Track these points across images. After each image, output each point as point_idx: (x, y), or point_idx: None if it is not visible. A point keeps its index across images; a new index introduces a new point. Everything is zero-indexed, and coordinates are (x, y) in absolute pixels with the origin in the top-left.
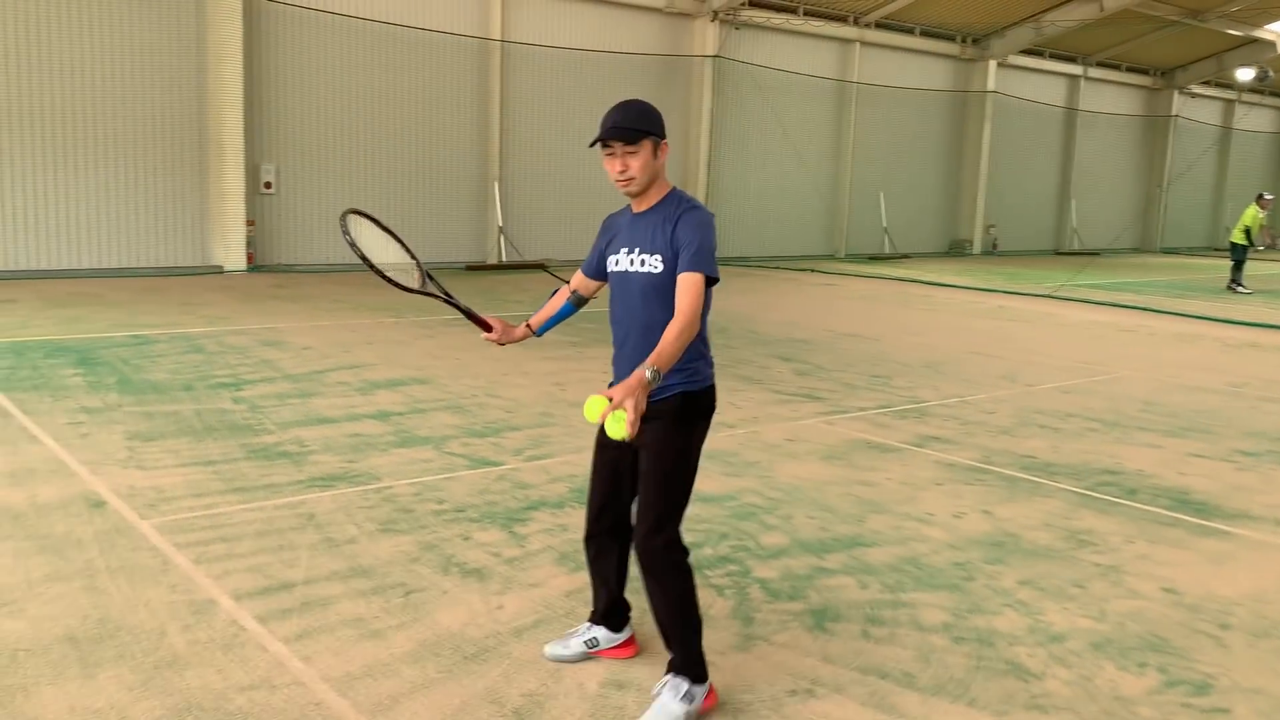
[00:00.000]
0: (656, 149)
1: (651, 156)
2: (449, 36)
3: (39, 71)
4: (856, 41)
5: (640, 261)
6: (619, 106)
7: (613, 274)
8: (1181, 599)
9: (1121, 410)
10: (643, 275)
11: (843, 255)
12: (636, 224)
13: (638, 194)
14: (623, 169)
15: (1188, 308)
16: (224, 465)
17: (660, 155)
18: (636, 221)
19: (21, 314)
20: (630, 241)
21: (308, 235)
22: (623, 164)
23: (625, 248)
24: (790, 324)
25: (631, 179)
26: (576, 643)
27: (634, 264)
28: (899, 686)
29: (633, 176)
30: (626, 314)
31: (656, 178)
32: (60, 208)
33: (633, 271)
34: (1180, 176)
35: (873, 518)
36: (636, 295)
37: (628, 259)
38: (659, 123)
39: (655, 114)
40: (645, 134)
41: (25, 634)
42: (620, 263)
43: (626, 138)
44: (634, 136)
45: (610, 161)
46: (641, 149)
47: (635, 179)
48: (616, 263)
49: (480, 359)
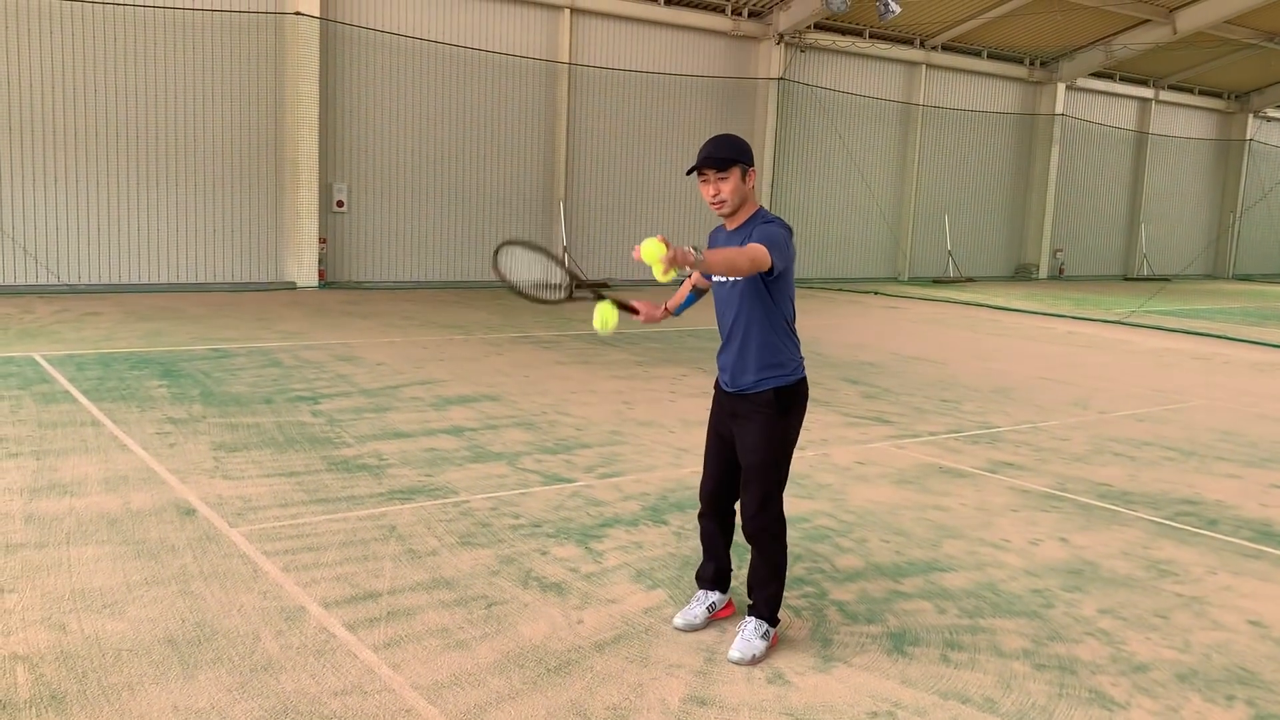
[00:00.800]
0: (745, 175)
1: (740, 182)
2: (517, 59)
3: (123, 94)
4: (923, 64)
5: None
6: (713, 139)
7: (713, 285)
8: (1269, 632)
9: (1198, 439)
10: (728, 286)
11: (906, 278)
12: (732, 238)
13: (729, 215)
14: (715, 193)
15: (1265, 336)
16: (306, 476)
17: (749, 180)
18: (732, 236)
19: (106, 326)
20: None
21: (378, 253)
22: (715, 189)
23: None
24: (856, 346)
25: (723, 201)
26: (700, 609)
27: (726, 278)
28: (981, 711)
29: (724, 199)
30: (724, 320)
31: (746, 200)
32: (141, 224)
33: (724, 284)
34: (1255, 202)
35: (948, 543)
36: (731, 304)
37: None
38: (748, 152)
39: (744, 145)
40: (734, 162)
41: (127, 634)
42: (716, 276)
43: (717, 166)
44: (724, 165)
45: (704, 186)
46: (731, 175)
47: (726, 201)
48: (714, 276)
49: (548, 376)
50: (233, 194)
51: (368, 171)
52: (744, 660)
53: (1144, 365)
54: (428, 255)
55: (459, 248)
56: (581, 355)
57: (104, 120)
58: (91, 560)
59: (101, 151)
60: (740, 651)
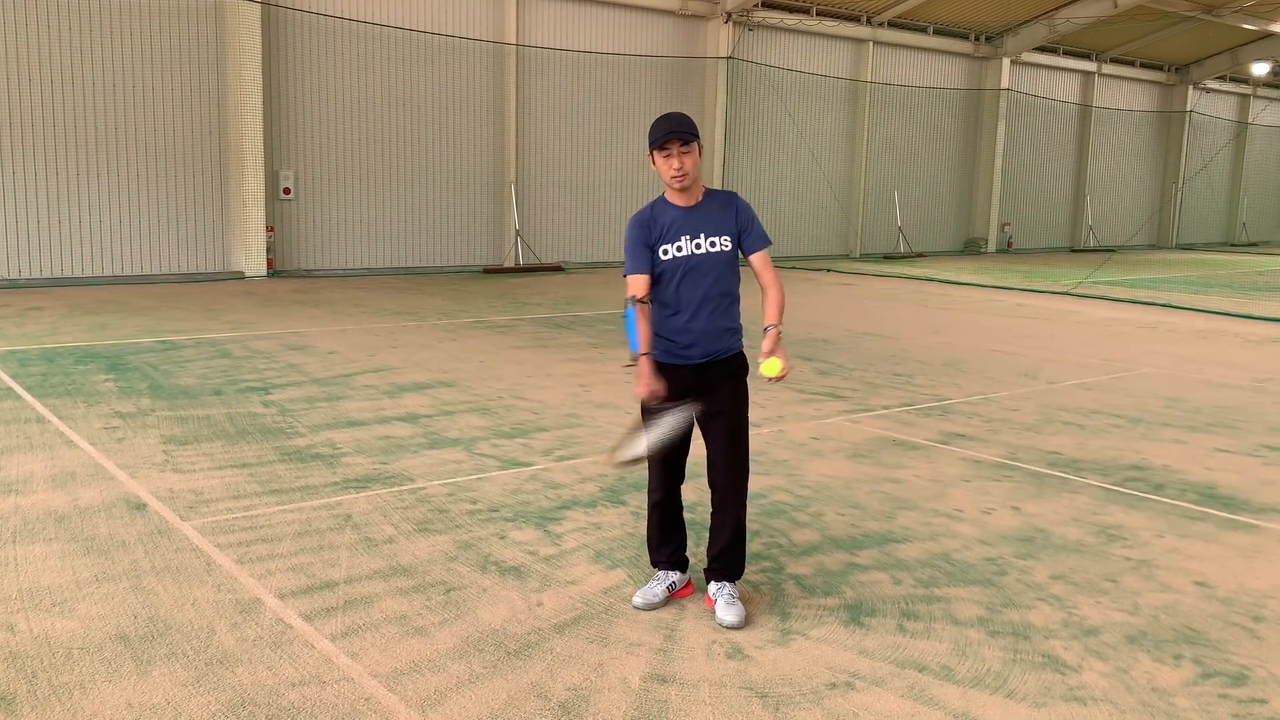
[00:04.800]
0: (699, 150)
1: (699, 157)
2: (464, 41)
3: (61, 81)
4: (870, 41)
5: (711, 244)
6: (668, 116)
7: (675, 259)
8: (1214, 592)
9: (1145, 406)
10: (715, 254)
11: (858, 255)
12: (693, 214)
13: (688, 188)
14: (679, 166)
15: (1207, 303)
16: (259, 468)
17: (700, 157)
18: (692, 212)
19: (49, 321)
20: (692, 229)
21: (327, 240)
22: (679, 162)
23: (687, 234)
24: (810, 324)
25: (685, 174)
26: (660, 588)
27: (701, 247)
28: (937, 679)
29: (686, 173)
30: (696, 290)
31: (699, 177)
32: (83, 215)
33: (702, 254)
34: (1196, 172)
35: (902, 514)
36: (710, 272)
37: (692, 244)
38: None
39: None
40: (696, 137)
41: (78, 633)
42: (684, 248)
43: (685, 139)
44: (690, 139)
45: (668, 161)
46: (693, 149)
47: (688, 174)
48: (680, 249)
49: (504, 361)
50: (177, 183)
51: (315, 158)
52: (742, 623)
53: (1091, 335)
54: (378, 242)
55: (410, 233)
56: (537, 339)
57: (41, 110)
58: (39, 559)
59: (39, 142)
60: (736, 615)
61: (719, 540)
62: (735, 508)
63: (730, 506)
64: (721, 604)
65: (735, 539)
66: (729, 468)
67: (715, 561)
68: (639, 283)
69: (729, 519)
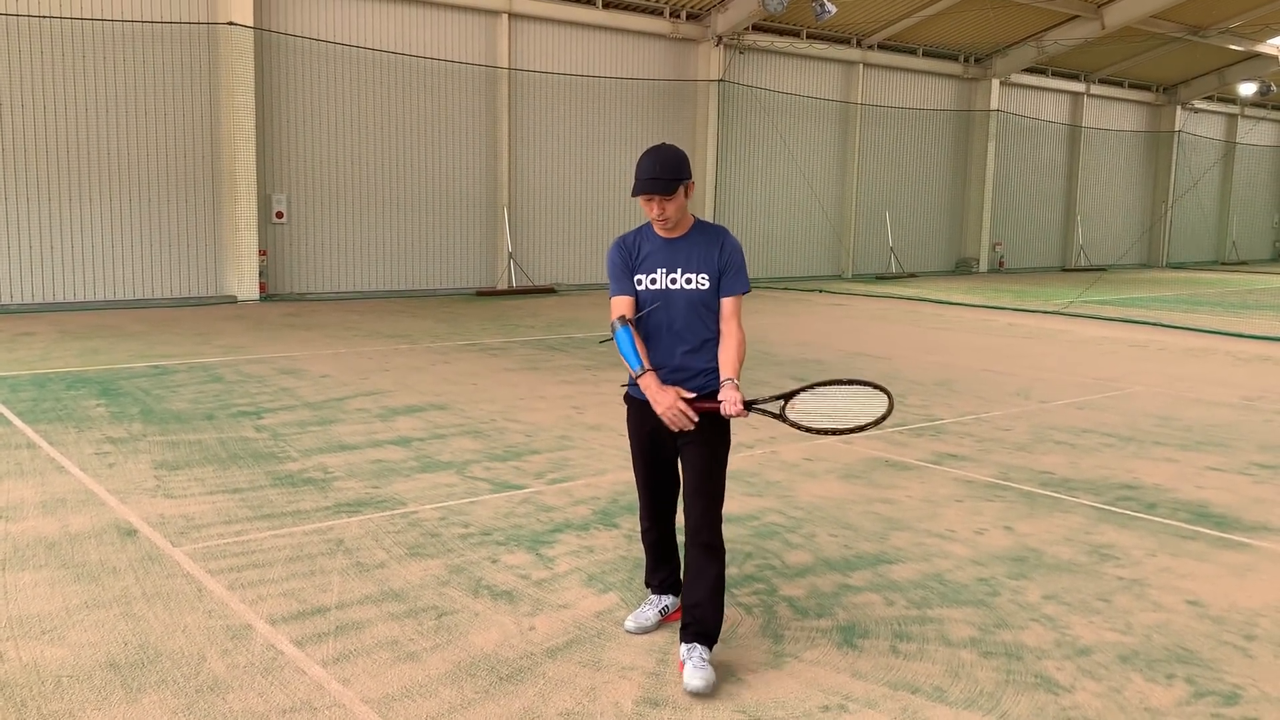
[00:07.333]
0: (686, 190)
1: (684, 198)
2: (457, 65)
3: (54, 107)
4: (860, 63)
5: (687, 280)
6: (653, 156)
7: (649, 291)
8: (1206, 611)
9: (1137, 425)
10: (689, 291)
11: (849, 275)
12: (674, 247)
13: (672, 229)
14: (660, 212)
15: (1197, 321)
16: (250, 493)
17: (689, 193)
18: (674, 245)
19: (41, 346)
20: (670, 263)
21: (320, 263)
22: (660, 209)
23: (664, 268)
24: (802, 344)
25: (668, 219)
26: (652, 611)
27: (676, 282)
28: (930, 701)
29: (668, 218)
30: (665, 322)
31: (686, 211)
32: (76, 241)
33: (676, 289)
34: (1185, 192)
35: (895, 535)
36: (681, 307)
37: (668, 278)
38: (687, 165)
39: (683, 158)
40: (679, 182)
41: (67, 660)
42: (659, 281)
43: (663, 190)
44: (670, 188)
45: (649, 206)
46: (676, 196)
47: (670, 219)
48: (654, 281)
49: (496, 384)
50: (169, 208)
51: (307, 181)
52: (710, 689)
53: (1083, 354)
54: (371, 265)
55: (402, 256)
56: (530, 362)
57: (34, 135)
58: (29, 586)
59: (32, 167)
60: (704, 680)
61: (694, 591)
62: (712, 552)
63: (707, 551)
64: (690, 668)
65: (712, 595)
66: (698, 497)
67: (689, 615)
68: (624, 304)
69: (707, 572)
